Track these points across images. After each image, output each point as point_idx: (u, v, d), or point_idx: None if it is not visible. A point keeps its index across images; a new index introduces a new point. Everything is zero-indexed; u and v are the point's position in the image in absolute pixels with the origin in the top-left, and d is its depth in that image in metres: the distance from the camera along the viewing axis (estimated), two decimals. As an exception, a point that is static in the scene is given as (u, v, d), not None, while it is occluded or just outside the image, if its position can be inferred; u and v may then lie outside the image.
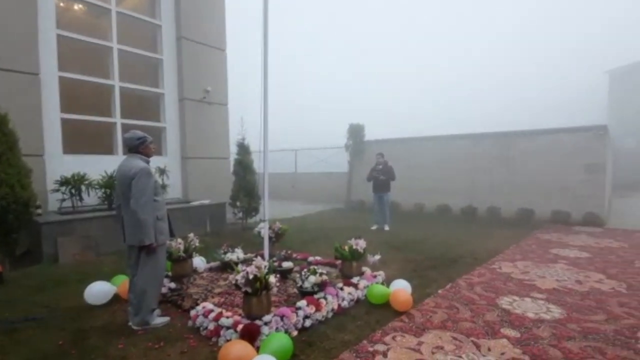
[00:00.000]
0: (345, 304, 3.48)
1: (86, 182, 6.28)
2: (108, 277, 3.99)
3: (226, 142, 9.27)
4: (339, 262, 4.39)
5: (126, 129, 7.01)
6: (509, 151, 9.53)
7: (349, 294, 3.58)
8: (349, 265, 4.12)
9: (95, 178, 6.40)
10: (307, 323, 3.04)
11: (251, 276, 2.87)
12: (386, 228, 7.96)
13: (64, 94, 6.67)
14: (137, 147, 3.17)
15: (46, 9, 6.39)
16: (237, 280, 2.91)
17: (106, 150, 7.55)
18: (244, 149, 8.02)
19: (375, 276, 4.08)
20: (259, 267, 2.93)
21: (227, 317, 2.92)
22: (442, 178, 10.44)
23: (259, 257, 3.12)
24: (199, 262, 4.63)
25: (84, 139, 7.53)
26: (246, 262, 4.31)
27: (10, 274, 4.63)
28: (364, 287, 3.78)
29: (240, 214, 7.96)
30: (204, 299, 3.56)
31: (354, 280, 3.88)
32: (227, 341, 2.71)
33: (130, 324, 3.10)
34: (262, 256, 4.03)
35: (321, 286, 3.44)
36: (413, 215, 10.25)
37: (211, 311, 3.05)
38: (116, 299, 3.69)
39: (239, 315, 3.01)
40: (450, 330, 3.02)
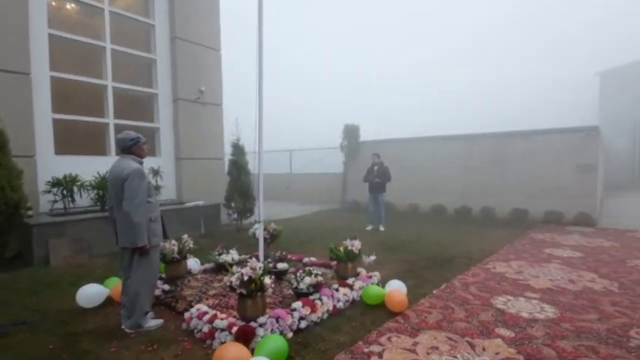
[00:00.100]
0: (340, 305, 3.48)
1: (78, 183, 6.21)
2: (100, 280, 3.95)
3: (220, 142, 9.22)
4: (334, 263, 4.39)
5: (119, 129, 6.94)
6: (503, 152, 9.60)
7: (344, 295, 3.58)
8: (344, 266, 4.12)
9: (88, 179, 6.33)
10: (303, 324, 3.03)
11: (246, 278, 2.85)
12: (381, 228, 7.97)
13: (55, 94, 6.59)
14: (130, 148, 3.13)
15: (38, 8, 6.31)
16: (231, 281, 2.89)
17: (99, 151, 7.47)
18: (238, 149, 7.99)
19: (370, 277, 4.08)
20: (253, 269, 2.91)
21: (222, 319, 2.90)
22: (436, 178, 10.49)
23: (254, 259, 3.11)
24: (193, 264, 4.60)
25: (76, 140, 7.45)
26: (241, 263, 4.29)
27: (0, 276, 4.56)
28: (359, 288, 3.78)
29: (235, 215, 7.92)
30: (198, 301, 3.52)
31: (349, 281, 3.87)
32: (222, 343, 2.69)
33: (123, 327, 3.06)
34: (257, 257, 4.03)
35: (316, 287, 3.43)
36: (408, 215, 10.28)
37: (205, 313, 3.02)
38: (109, 301, 3.64)
39: (234, 317, 2.99)
40: (445, 331, 3.03)
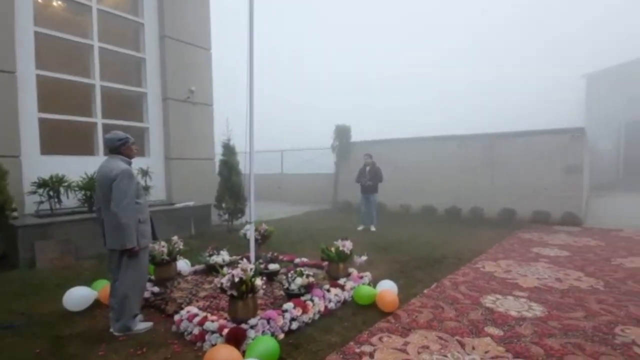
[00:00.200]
0: (332, 305, 3.48)
1: (65, 184, 6.10)
2: (88, 282, 3.89)
3: (211, 142, 9.15)
4: (325, 264, 4.39)
5: (107, 129, 6.85)
6: (492, 153, 9.73)
7: (336, 295, 3.58)
8: (335, 267, 4.12)
9: (75, 179, 6.22)
10: (294, 325, 3.03)
11: (237, 279, 2.84)
12: (372, 229, 8.00)
13: (42, 92, 6.46)
14: (119, 148, 3.09)
15: (24, 5, 6.18)
16: (222, 283, 2.87)
17: (86, 151, 7.35)
18: (229, 149, 7.94)
19: (361, 277, 4.10)
20: (244, 270, 2.90)
21: (212, 321, 2.87)
22: (427, 179, 10.57)
23: (245, 260, 3.09)
24: (183, 265, 4.55)
25: (63, 140, 7.31)
26: (232, 264, 4.26)
27: (-17, 279, 4.45)
28: (351, 289, 3.79)
29: (226, 216, 7.88)
30: (189, 303, 3.49)
31: (341, 281, 3.88)
32: (213, 346, 2.67)
33: (112, 330, 3.01)
34: (248, 258, 4.01)
35: (308, 288, 3.42)
36: (399, 216, 10.35)
37: (196, 315, 3.00)
38: (97, 304, 3.59)
39: (225, 319, 2.97)
40: (436, 330, 3.05)
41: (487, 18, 33.62)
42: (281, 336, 2.89)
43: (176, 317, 3.07)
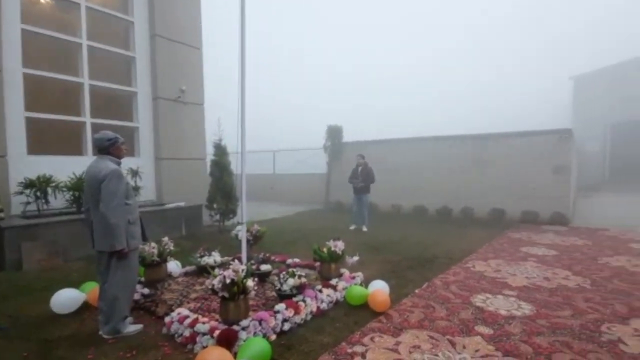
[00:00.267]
0: (324, 306, 3.48)
1: (53, 184, 5.99)
2: (76, 284, 3.82)
3: (202, 142, 9.08)
4: (317, 264, 4.39)
5: (96, 128, 6.75)
6: (482, 153, 9.84)
7: (328, 295, 3.58)
8: (327, 267, 4.13)
9: (63, 180, 6.12)
10: (286, 326, 3.02)
11: (228, 280, 2.82)
12: (364, 229, 8.03)
13: (29, 91, 6.34)
14: (108, 148, 3.05)
15: (11, 2, 6.05)
16: (213, 284, 2.86)
17: (75, 150, 7.23)
18: (220, 149, 7.89)
19: (353, 277, 4.11)
20: (236, 271, 2.89)
21: (204, 322, 2.85)
22: (418, 179, 10.65)
23: (237, 261, 3.08)
24: (174, 267, 4.51)
25: (50, 139, 7.18)
26: (223, 265, 4.24)
27: (-32, 282, 4.35)
28: (343, 289, 3.79)
29: (217, 217, 7.83)
30: (179, 305, 3.46)
31: (333, 281, 3.89)
32: (204, 348, 2.65)
33: (101, 332, 2.97)
34: (240, 259, 3.99)
35: (300, 289, 3.42)
36: (391, 216, 10.40)
37: (187, 317, 2.97)
38: (85, 306, 3.53)
39: (216, 320, 2.95)
40: (427, 329, 3.08)
41: (487, 18, 33.80)
42: (273, 337, 2.89)
43: (167, 319, 3.04)
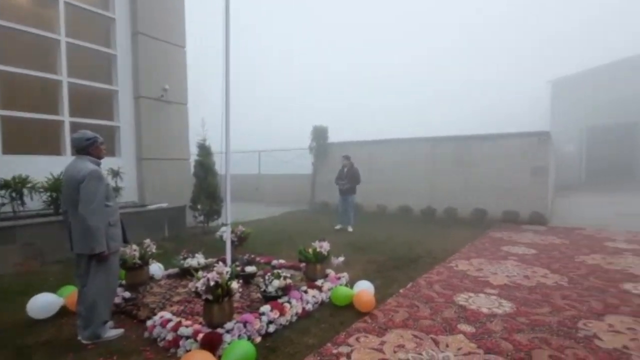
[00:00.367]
0: (309, 307, 3.48)
1: (29, 185, 5.78)
2: (54, 288, 3.70)
3: (186, 142, 8.94)
4: (303, 265, 4.38)
5: (75, 128, 6.56)
6: (464, 154, 10.03)
7: (313, 296, 3.58)
8: (313, 268, 4.13)
9: (40, 180, 5.91)
10: (271, 328, 3.01)
11: (212, 283, 2.78)
12: (350, 229, 8.07)
13: (3, 89, 6.11)
14: (87, 148, 2.97)
15: (-18, -5, 5.83)
16: (197, 287, 2.81)
17: (52, 150, 7.00)
18: (205, 150, 7.80)
19: (339, 278, 4.12)
20: (220, 273, 2.85)
21: (187, 326, 2.81)
22: (403, 180, 10.78)
23: (221, 263, 3.04)
24: (156, 269, 4.42)
25: (27, 138, 6.93)
26: (207, 267, 4.18)
27: (-64, 288, 4.16)
28: (328, 290, 3.80)
29: (201, 218, 7.72)
30: (162, 308, 3.40)
31: (318, 282, 3.89)
32: (187, 352, 2.61)
33: (80, 338, 2.89)
34: (224, 261, 3.95)
35: (285, 290, 3.41)
36: (376, 216, 10.48)
37: (169, 320, 2.92)
38: (63, 311, 3.42)
39: (200, 323, 2.91)
40: (411, 329, 3.11)
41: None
42: (258, 339, 2.87)
43: (149, 323, 2.98)
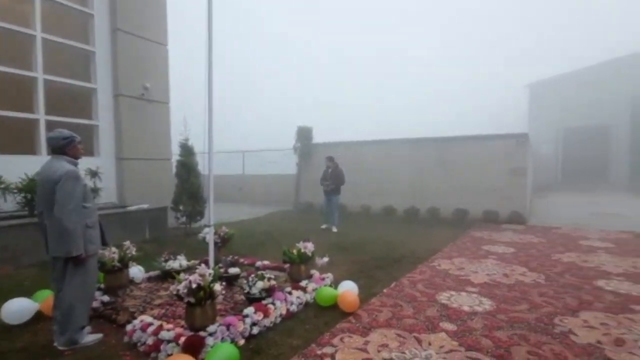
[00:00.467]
0: (293, 308, 3.47)
1: (2, 186, 5.56)
2: (29, 293, 3.57)
3: (167, 142, 8.77)
4: (287, 266, 4.36)
5: (51, 126, 6.34)
6: (447, 155, 10.22)
7: (298, 297, 3.57)
8: (297, 269, 4.12)
9: (14, 181, 5.69)
10: (255, 330, 2.98)
11: (194, 285, 2.74)
12: (334, 230, 8.09)
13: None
14: (63, 148, 2.87)
15: (-50, -13, 5.56)
16: (178, 290, 2.76)
17: (27, 149, 6.74)
18: (187, 150, 7.67)
19: (323, 278, 4.12)
20: (202, 275, 2.81)
21: (168, 329, 2.75)
22: (387, 180, 10.89)
23: (203, 265, 3.00)
24: (136, 272, 4.32)
25: (0, 137, 6.67)
26: (190, 270, 4.12)
27: None
28: (313, 290, 3.80)
29: (184, 219, 7.59)
30: (142, 312, 3.32)
31: (303, 283, 3.88)
32: (169, 356, 2.56)
33: (56, 344, 2.79)
34: (207, 263, 3.89)
35: (269, 291, 3.39)
36: (360, 216, 10.54)
37: (150, 324, 2.85)
38: (39, 316, 3.30)
39: (182, 327, 2.85)
40: (395, 328, 3.14)
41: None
42: (241, 342, 2.84)
43: (128, 327, 2.91)
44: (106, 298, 3.59)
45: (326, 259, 4.40)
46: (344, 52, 37.42)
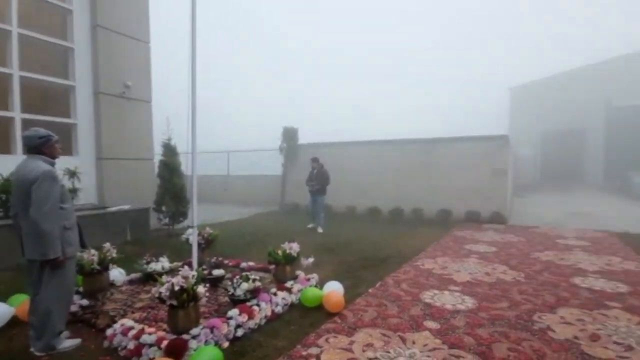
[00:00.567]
0: (279, 309, 3.45)
1: (-27, 187, 5.33)
2: (4, 297, 3.44)
3: (150, 142, 8.60)
4: (272, 267, 4.34)
5: (27, 125, 6.13)
6: (430, 157, 10.38)
7: (283, 298, 3.56)
8: (282, 270, 4.10)
9: (-14, 181, 5.47)
10: (239, 332, 2.95)
11: (177, 287, 2.69)
12: (320, 230, 8.10)
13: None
14: (40, 147, 2.78)
15: None
16: (160, 292, 2.71)
17: (2, 149, 6.49)
18: (170, 149, 7.53)
19: (308, 279, 4.12)
20: (185, 277, 2.77)
21: (150, 333, 2.70)
22: (372, 181, 10.97)
23: (187, 267, 2.95)
24: (117, 275, 4.21)
25: (-30, 136, 6.40)
26: (172, 272, 4.05)
27: None
28: (298, 291, 3.79)
29: (166, 220, 7.46)
30: (123, 315, 3.25)
31: (288, 284, 3.87)
32: None
33: (32, 349, 2.70)
34: (190, 265, 3.83)
35: (254, 293, 3.36)
36: (345, 217, 10.58)
37: (131, 328, 2.79)
38: (14, 321, 3.18)
39: (164, 330, 2.80)
40: (380, 327, 3.17)
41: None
42: (225, 345, 2.80)
43: (108, 332, 2.84)
44: (85, 302, 3.49)
45: (311, 260, 4.40)
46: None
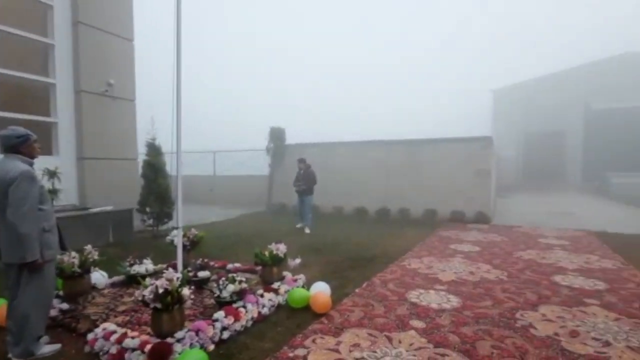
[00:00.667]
0: (265, 310, 3.43)
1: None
2: (-23, 303, 3.31)
3: (133, 141, 8.42)
4: (259, 268, 4.31)
5: (4, 124, 5.91)
6: (416, 157, 10.50)
7: (270, 300, 3.54)
8: (269, 271, 4.08)
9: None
10: (225, 335, 2.92)
11: (161, 290, 2.64)
12: (307, 231, 8.09)
13: None
14: (18, 147, 2.69)
15: None
16: (144, 295, 2.66)
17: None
18: (154, 149, 7.41)
19: (295, 280, 4.11)
20: (170, 280, 2.72)
21: (133, 337, 2.64)
22: (359, 181, 11.03)
23: (171, 269, 2.90)
24: (98, 278, 4.11)
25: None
26: (157, 274, 3.98)
27: None
28: (285, 292, 3.77)
29: (151, 221, 7.32)
30: (105, 319, 3.17)
31: (275, 285, 3.85)
32: (133, 364, 2.46)
33: (10, 355, 2.61)
34: (175, 267, 3.77)
35: (240, 294, 3.33)
36: (332, 217, 10.60)
37: (113, 332, 2.72)
38: (-11, 327, 3.07)
39: (148, 334, 2.75)
40: (366, 327, 3.18)
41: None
42: (211, 347, 2.77)
43: (90, 336, 2.76)
44: (65, 306, 3.39)
45: (298, 261, 4.39)
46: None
